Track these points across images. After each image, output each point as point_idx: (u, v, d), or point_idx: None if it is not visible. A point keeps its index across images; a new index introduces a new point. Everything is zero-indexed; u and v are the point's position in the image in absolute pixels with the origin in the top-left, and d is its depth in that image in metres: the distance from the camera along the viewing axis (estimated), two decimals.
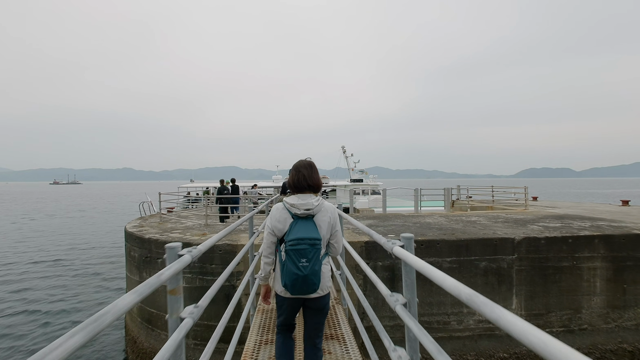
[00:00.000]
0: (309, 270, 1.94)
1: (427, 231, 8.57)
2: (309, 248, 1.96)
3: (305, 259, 1.94)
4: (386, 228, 9.18)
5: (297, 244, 1.96)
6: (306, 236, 1.97)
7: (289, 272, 1.96)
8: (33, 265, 15.82)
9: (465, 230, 8.56)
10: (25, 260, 16.85)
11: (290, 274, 1.95)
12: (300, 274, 1.92)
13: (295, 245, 1.96)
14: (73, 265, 15.93)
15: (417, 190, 13.01)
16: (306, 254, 1.94)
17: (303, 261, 1.94)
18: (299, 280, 1.94)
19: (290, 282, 1.97)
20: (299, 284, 1.95)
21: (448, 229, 8.90)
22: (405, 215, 11.93)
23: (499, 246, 7.62)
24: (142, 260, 8.22)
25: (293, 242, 1.96)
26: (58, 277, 13.92)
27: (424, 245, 7.48)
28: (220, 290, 6.87)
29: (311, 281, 1.96)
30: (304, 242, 1.96)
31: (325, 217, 2.11)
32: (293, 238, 1.97)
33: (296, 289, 1.97)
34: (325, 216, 2.11)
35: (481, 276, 7.54)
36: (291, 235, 2.00)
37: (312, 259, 1.96)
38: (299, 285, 1.95)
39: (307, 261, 1.94)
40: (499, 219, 10.78)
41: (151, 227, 9.63)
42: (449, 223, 10.03)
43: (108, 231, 25.69)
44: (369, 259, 7.36)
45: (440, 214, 12.37)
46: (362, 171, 23.84)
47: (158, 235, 8.25)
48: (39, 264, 16.10)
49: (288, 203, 2.10)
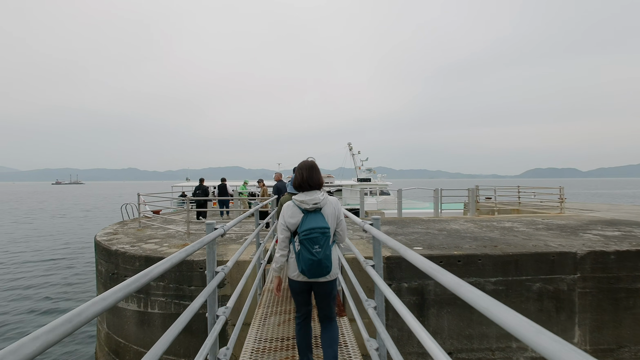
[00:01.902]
0: (322, 254, 2.22)
1: (460, 241, 6.94)
2: (320, 236, 2.23)
3: (317, 246, 2.22)
4: (407, 237, 7.56)
5: (309, 234, 2.23)
6: (317, 226, 2.24)
7: (304, 259, 2.23)
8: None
9: (507, 241, 6.92)
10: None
11: (306, 260, 2.22)
12: (315, 259, 2.21)
13: (309, 234, 2.22)
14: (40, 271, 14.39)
15: (437, 190, 11.38)
16: (318, 241, 2.22)
17: (316, 247, 2.22)
18: (315, 264, 2.21)
19: (307, 267, 2.23)
20: (315, 267, 2.22)
21: (484, 238, 7.26)
22: (425, 220, 10.29)
23: (557, 263, 5.98)
24: (108, 276, 6.68)
25: (306, 232, 2.23)
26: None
27: (462, 262, 5.85)
28: (199, 318, 5.26)
29: (324, 264, 2.24)
30: (316, 231, 2.23)
31: (330, 209, 2.39)
32: (306, 229, 2.24)
33: (312, 272, 2.25)
34: (330, 208, 2.39)
35: (534, 301, 5.90)
36: (304, 226, 2.26)
37: (324, 245, 2.24)
38: (314, 268, 2.23)
39: (319, 247, 2.22)
40: (538, 225, 9.11)
41: (126, 235, 8.10)
42: (481, 230, 8.39)
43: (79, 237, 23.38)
44: (391, 279, 5.76)
45: (464, 218, 10.72)
46: (370, 170, 22.15)
47: (128, 246, 6.71)
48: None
49: (297, 200, 2.35)
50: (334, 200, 2.45)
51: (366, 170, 22.21)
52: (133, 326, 6.11)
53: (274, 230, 6.31)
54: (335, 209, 2.39)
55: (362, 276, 5.80)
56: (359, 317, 3.17)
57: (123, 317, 6.24)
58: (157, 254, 6.11)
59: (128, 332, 6.18)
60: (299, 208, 2.32)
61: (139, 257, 6.06)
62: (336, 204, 2.43)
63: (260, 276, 4.11)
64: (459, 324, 5.76)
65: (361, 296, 2.89)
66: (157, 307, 5.86)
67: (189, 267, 5.68)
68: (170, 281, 5.75)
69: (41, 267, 15.42)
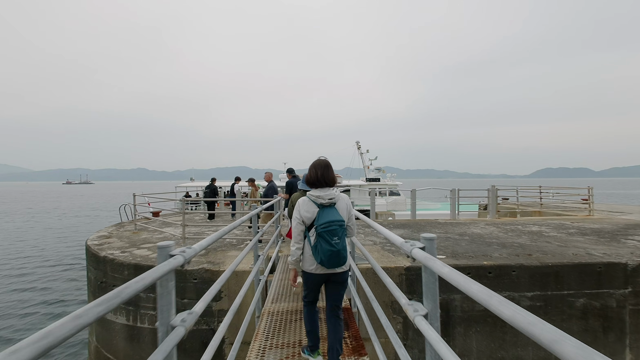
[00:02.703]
0: (340, 246, 2.33)
1: (487, 249, 6.16)
2: (338, 228, 2.33)
3: (336, 237, 2.32)
4: None
5: (328, 226, 2.31)
6: (334, 219, 2.35)
7: (323, 250, 2.30)
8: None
9: (540, 248, 6.11)
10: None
11: (325, 251, 2.30)
12: (335, 249, 2.30)
13: (327, 227, 2.31)
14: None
15: (455, 191, 10.55)
16: (337, 233, 2.32)
17: (335, 239, 2.31)
18: (334, 255, 2.30)
19: (326, 258, 2.30)
20: (334, 258, 2.31)
21: (513, 245, 6.47)
22: (441, 223, 9.50)
23: (605, 275, 5.16)
24: (97, 285, 6.09)
25: (325, 225, 2.31)
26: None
27: (494, 273, 5.08)
28: (193, 335, 4.61)
29: (342, 255, 2.35)
30: (335, 223, 2.33)
31: (343, 204, 2.52)
32: (324, 222, 2.32)
33: (331, 262, 2.32)
34: (343, 204, 2.52)
35: (578, 319, 5.09)
36: (321, 220, 2.34)
37: (341, 237, 2.35)
38: (334, 259, 2.31)
39: (338, 239, 2.32)
40: (570, 230, 8.25)
41: (120, 238, 7.52)
42: (506, 235, 7.58)
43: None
44: (412, 293, 5.02)
45: (485, 221, 9.89)
46: (379, 169, 21.28)
47: (118, 252, 6.10)
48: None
49: (313, 196, 2.45)
50: (345, 197, 2.60)
51: (375, 169, 21.34)
52: (122, 341, 5.50)
53: (277, 235, 5.64)
54: (347, 204, 2.55)
55: (377, 289, 5.11)
56: (375, 337, 2.51)
57: (112, 331, 5.64)
58: (147, 261, 5.48)
59: (117, 347, 5.57)
60: (315, 203, 2.42)
61: (127, 265, 5.44)
62: (347, 200, 2.58)
63: (259, 294, 3.43)
64: (489, 345, 4.99)
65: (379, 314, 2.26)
66: (147, 321, 5.24)
67: (182, 277, 5.04)
68: None
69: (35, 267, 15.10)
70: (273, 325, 3.14)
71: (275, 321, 3.25)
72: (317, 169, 2.50)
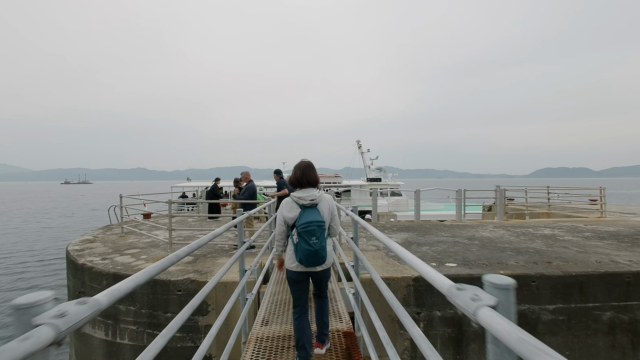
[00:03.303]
0: (319, 245, 2.36)
1: (500, 255, 5.66)
2: (316, 229, 2.37)
3: (314, 237, 2.35)
4: (434, 248, 6.30)
5: (307, 226, 2.36)
6: (314, 220, 2.38)
7: (302, 249, 2.36)
8: None
9: (558, 255, 5.62)
10: None
11: (304, 250, 2.35)
12: (312, 249, 2.34)
13: (306, 227, 2.35)
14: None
15: (460, 191, 10.04)
16: (315, 233, 2.36)
17: (313, 239, 2.35)
18: (312, 254, 2.35)
19: (304, 257, 2.36)
20: (312, 257, 2.36)
21: (529, 250, 5.96)
22: (447, 226, 8.99)
23: (634, 285, 4.66)
24: (75, 295, 5.59)
25: (304, 225, 2.36)
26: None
27: None
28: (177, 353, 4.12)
29: (320, 254, 2.38)
30: (313, 224, 2.36)
31: (325, 205, 2.55)
32: (304, 222, 2.37)
33: (309, 261, 2.38)
34: (325, 204, 2.55)
35: (605, 335, 4.59)
36: (302, 220, 2.39)
37: (320, 237, 2.38)
38: (312, 258, 2.36)
39: (316, 239, 2.36)
40: (585, 233, 7.75)
41: (104, 243, 7.01)
42: (518, 239, 7.08)
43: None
44: (421, 306, 4.51)
45: (493, 223, 9.38)
46: (380, 169, 20.71)
47: (98, 259, 5.59)
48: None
49: (296, 197, 2.50)
50: (329, 197, 2.63)
51: (376, 169, 20.78)
52: (100, 357, 5.00)
53: (271, 240, 5.14)
54: (329, 205, 2.58)
55: (381, 303, 4.60)
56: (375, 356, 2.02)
57: (90, 346, 5.13)
58: (128, 269, 4.97)
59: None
60: (297, 204, 2.47)
61: (106, 274, 4.93)
62: (330, 201, 2.61)
63: (246, 314, 2.92)
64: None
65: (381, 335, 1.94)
66: (127, 336, 4.73)
67: (165, 288, 4.53)
68: (142, 305, 4.61)
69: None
70: (261, 356, 2.63)
71: (265, 349, 2.74)
72: (300, 170, 2.57)
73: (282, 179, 6.99)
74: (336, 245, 4.70)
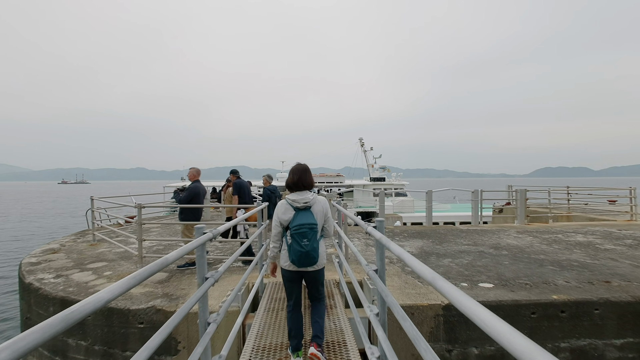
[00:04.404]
0: (310, 247, 2.45)
1: (541, 270, 4.66)
2: (308, 231, 2.46)
3: (306, 239, 2.44)
4: (457, 261, 5.30)
5: (299, 229, 2.45)
6: (306, 222, 2.47)
7: (294, 251, 2.46)
8: None
9: (612, 270, 4.62)
10: None
11: (296, 251, 2.46)
12: (304, 251, 2.44)
13: (298, 229, 2.45)
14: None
15: (477, 192, 9.04)
16: (307, 235, 2.45)
17: (304, 241, 2.44)
18: (303, 255, 2.44)
19: (296, 258, 2.46)
20: (303, 258, 2.45)
21: (572, 264, 4.97)
22: (464, 231, 7.99)
23: None
24: (23, 320, 4.57)
25: (296, 227, 2.46)
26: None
27: (568, 312, 3.57)
28: None
29: (312, 255, 2.47)
30: (305, 226, 2.45)
31: (319, 207, 2.62)
32: (296, 224, 2.47)
33: (301, 262, 2.48)
34: (319, 207, 2.62)
35: None
36: (294, 222, 2.49)
37: (311, 239, 2.47)
38: (303, 259, 2.46)
39: (307, 241, 2.45)
40: (625, 240, 6.75)
41: (68, 253, 6.00)
42: (551, 248, 6.08)
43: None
44: (453, 342, 3.51)
45: (515, 227, 8.37)
46: (384, 168, 19.61)
47: (51, 276, 4.58)
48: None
49: (290, 199, 2.57)
50: (323, 200, 2.70)
51: (380, 168, 19.69)
52: None
53: (261, 256, 4.13)
54: (323, 207, 2.65)
55: (402, 339, 3.59)
56: None
57: None
58: (81, 292, 3.95)
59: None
60: (291, 206, 2.55)
61: (52, 299, 3.92)
62: (324, 203, 2.68)
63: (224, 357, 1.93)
64: None
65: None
66: None
67: (123, 319, 3.51)
68: (95, 341, 3.59)
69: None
70: None
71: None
72: (295, 174, 2.65)
73: (239, 180, 6.02)
74: (342, 261, 3.78)
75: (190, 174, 5.52)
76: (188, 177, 5.55)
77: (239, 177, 6.28)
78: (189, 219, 5.19)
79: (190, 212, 5.21)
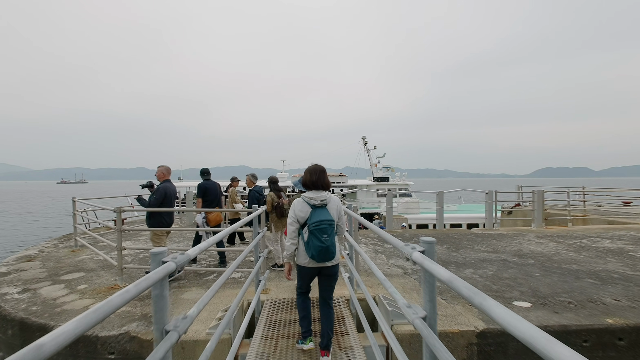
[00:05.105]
0: (329, 242, 2.55)
1: (580, 284, 4.06)
2: (328, 227, 2.56)
3: (326, 235, 2.54)
4: (480, 272, 4.70)
5: (319, 225, 2.54)
6: (325, 218, 2.57)
7: (314, 246, 2.53)
8: None
9: None
10: None
11: (315, 247, 2.52)
12: (324, 246, 2.52)
13: (318, 225, 2.54)
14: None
15: (492, 193, 8.44)
16: (327, 231, 2.55)
17: (325, 236, 2.53)
18: (323, 250, 2.53)
19: (317, 253, 2.53)
20: (324, 253, 2.54)
21: (611, 275, 4.37)
22: (479, 235, 7.38)
23: None
24: None
25: (317, 223, 2.54)
26: None
27: (627, 340, 2.97)
28: None
29: (331, 250, 2.57)
30: (324, 222, 2.56)
31: (334, 205, 2.74)
32: (316, 220, 2.55)
33: (321, 257, 2.56)
34: (334, 205, 2.74)
35: None
36: (313, 219, 2.57)
37: (330, 235, 2.57)
38: (323, 254, 2.54)
39: (327, 236, 2.54)
40: None
41: (45, 261, 5.40)
42: (580, 255, 5.49)
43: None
44: None
45: (534, 231, 7.77)
46: (388, 167, 18.93)
47: (17, 291, 3.97)
48: None
49: (307, 197, 2.68)
50: (336, 198, 2.78)
51: (383, 168, 19.03)
52: None
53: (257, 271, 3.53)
54: (337, 205, 2.77)
55: None
56: None
57: None
58: (44, 312, 3.35)
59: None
60: (308, 204, 2.64)
61: (12, 320, 3.32)
62: (338, 202, 2.78)
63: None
64: None
65: None
66: None
67: (90, 349, 2.91)
68: None
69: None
70: None
71: None
72: (314, 174, 2.74)
73: (208, 181, 5.46)
74: (353, 275, 3.25)
75: (159, 172, 4.80)
76: (157, 176, 4.82)
77: (207, 178, 5.54)
78: (157, 223, 4.55)
79: (160, 215, 4.58)
